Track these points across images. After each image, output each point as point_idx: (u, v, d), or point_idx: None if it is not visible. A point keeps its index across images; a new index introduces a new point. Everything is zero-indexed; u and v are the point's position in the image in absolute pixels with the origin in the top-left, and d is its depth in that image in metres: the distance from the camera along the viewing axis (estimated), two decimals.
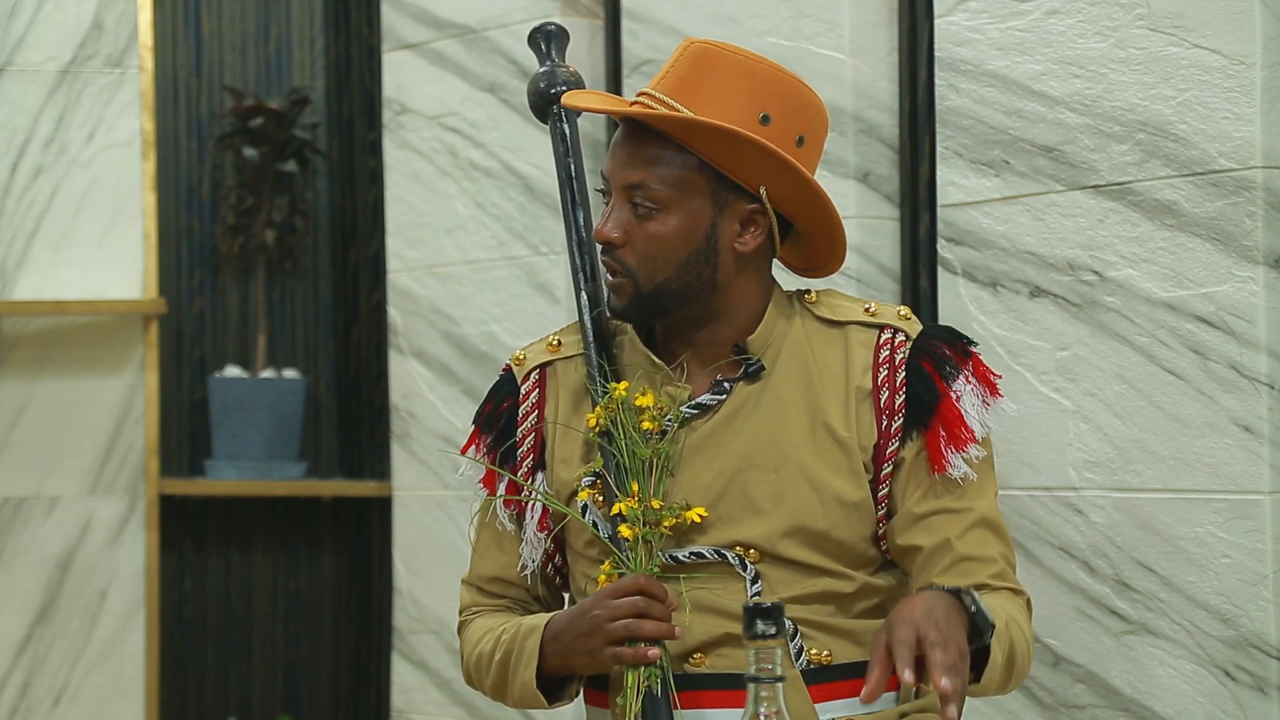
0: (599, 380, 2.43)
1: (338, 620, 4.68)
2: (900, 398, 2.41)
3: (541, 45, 2.68)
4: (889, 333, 2.44)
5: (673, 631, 2.32)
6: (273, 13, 4.72)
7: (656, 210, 2.38)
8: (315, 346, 4.72)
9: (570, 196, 2.58)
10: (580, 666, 2.37)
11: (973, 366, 2.43)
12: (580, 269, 2.54)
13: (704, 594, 2.36)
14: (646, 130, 2.39)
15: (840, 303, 2.48)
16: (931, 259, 3.26)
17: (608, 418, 2.39)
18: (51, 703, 4.39)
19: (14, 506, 4.40)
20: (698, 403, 2.41)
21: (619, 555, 2.37)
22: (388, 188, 4.27)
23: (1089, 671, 2.92)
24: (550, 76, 2.63)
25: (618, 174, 2.40)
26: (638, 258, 2.39)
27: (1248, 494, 2.74)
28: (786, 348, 2.44)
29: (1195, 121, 2.79)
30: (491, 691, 2.49)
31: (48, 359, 4.42)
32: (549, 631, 2.38)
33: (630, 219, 2.39)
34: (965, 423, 2.39)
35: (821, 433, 2.40)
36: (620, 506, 2.37)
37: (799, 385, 2.42)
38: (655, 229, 2.38)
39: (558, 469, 2.47)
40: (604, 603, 2.33)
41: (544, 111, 2.64)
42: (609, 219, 2.40)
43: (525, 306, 3.94)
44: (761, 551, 2.38)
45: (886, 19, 3.36)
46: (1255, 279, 2.73)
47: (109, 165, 4.41)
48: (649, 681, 2.32)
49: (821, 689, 2.37)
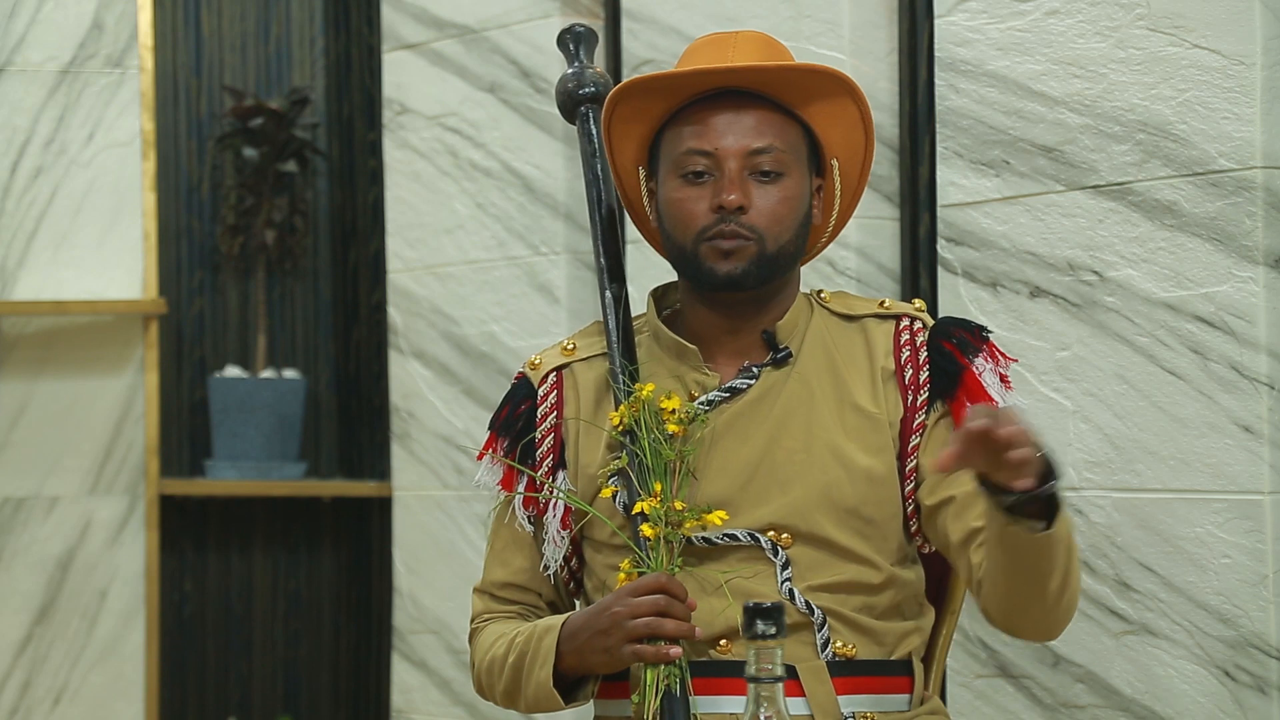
0: (623, 379, 2.44)
1: (338, 620, 4.68)
2: (924, 373, 2.46)
3: (571, 46, 2.70)
4: (906, 320, 2.50)
5: (693, 632, 2.33)
6: (273, 13, 4.72)
7: (781, 174, 2.42)
8: (315, 346, 4.72)
9: (596, 196, 2.60)
10: (597, 665, 2.37)
11: (988, 349, 2.48)
12: (605, 269, 2.55)
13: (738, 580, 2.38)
14: (748, 98, 2.43)
15: (854, 300, 2.54)
16: (931, 259, 3.26)
17: (632, 417, 2.40)
18: (51, 703, 4.39)
19: (14, 506, 4.40)
20: (729, 386, 2.44)
21: (640, 554, 2.37)
22: (388, 188, 4.27)
23: (1089, 671, 2.92)
24: (579, 77, 2.67)
25: (738, 141, 2.42)
26: (765, 220, 2.41)
27: (1248, 494, 2.74)
28: (810, 336, 2.48)
29: (1195, 121, 2.79)
30: (503, 698, 2.48)
31: (48, 359, 4.42)
32: (566, 630, 2.38)
33: (751, 185, 2.42)
34: (987, 394, 2.44)
35: (849, 411, 2.44)
36: (643, 506, 2.38)
37: (824, 370, 2.46)
38: (784, 192, 2.42)
39: (581, 467, 2.48)
40: (624, 600, 2.33)
41: (572, 112, 2.66)
42: (732, 186, 2.41)
43: (525, 306, 3.94)
44: (794, 533, 2.39)
45: (886, 19, 3.36)
46: (1255, 279, 2.73)
47: (109, 165, 4.41)
48: (668, 680, 2.32)
49: (844, 682, 2.38)
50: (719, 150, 2.42)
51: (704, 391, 2.45)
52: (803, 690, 2.36)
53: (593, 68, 2.68)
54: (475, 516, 4.03)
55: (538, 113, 3.92)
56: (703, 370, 2.46)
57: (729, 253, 2.41)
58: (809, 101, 2.44)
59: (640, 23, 3.65)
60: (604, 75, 2.68)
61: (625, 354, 2.48)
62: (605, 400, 2.49)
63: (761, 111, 2.43)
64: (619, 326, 2.50)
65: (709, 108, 2.44)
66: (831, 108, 2.45)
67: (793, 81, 2.43)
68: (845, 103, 2.45)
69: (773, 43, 2.50)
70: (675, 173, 2.45)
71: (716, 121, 2.43)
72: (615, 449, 2.45)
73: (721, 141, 2.42)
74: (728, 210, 2.40)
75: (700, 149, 2.43)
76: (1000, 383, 2.47)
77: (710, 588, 2.38)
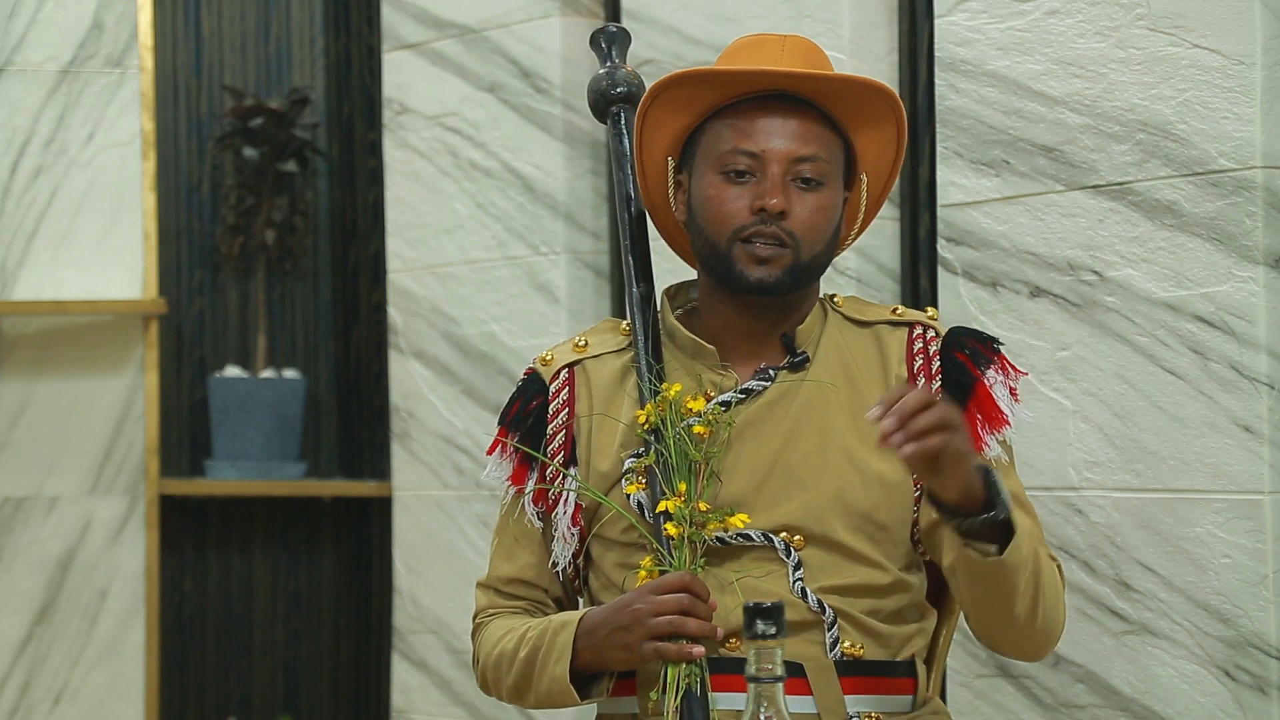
0: (649, 379, 2.44)
1: (338, 620, 4.68)
2: (937, 383, 2.46)
3: (603, 46, 2.70)
4: (919, 329, 2.50)
5: (715, 632, 2.33)
6: (273, 13, 4.72)
7: (822, 183, 2.43)
8: (315, 346, 4.72)
9: (625, 196, 2.60)
10: (615, 661, 2.37)
11: (999, 362, 2.48)
12: (632, 269, 2.55)
13: (750, 580, 2.38)
14: (795, 104, 2.43)
15: (866, 306, 2.55)
16: (931, 259, 3.26)
17: (658, 416, 2.41)
18: (51, 703, 4.39)
19: (14, 506, 4.40)
20: (745, 388, 2.44)
21: (662, 553, 2.37)
22: (388, 188, 4.27)
23: (1089, 671, 2.92)
24: (612, 77, 2.66)
25: (785, 145, 2.42)
26: (803, 228, 2.42)
27: (1248, 494, 2.74)
28: (824, 341, 2.49)
29: (1195, 121, 2.79)
30: (510, 692, 2.48)
31: (48, 359, 4.42)
32: (584, 626, 2.38)
33: (792, 191, 2.42)
34: (999, 407, 2.44)
35: (863, 416, 2.43)
36: (666, 505, 2.38)
37: (839, 375, 2.47)
38: (822, 201, 2.43)
39: (594, 463, 2.48)
40: (647, 598, 2.33)
41: (604, 111, 2.66)
42: (775, 189, 2.41)
43: (525, 306, 3.94)
44: (807, 535, 2.40)
45: (886, 19, 3.36)
46: (1255, 279, 2.73)
47: (109, 165, 4.41)
48: (689, 680, 2.32)
49: (851, 682, 2.39)
50: (765, 152, 2.42)
51: (720, 392, 2.45)
52: (810, 689, 2.36)
53: (625, 68, 2.68)
54: (475, 516, 4.03)
55: (538, 113, 3.92)
56: (719, 371, 2.46)
57: (765, 259, 2.41)
58: (855, 115, 2.45)
59: (640, 23, 3.65)
60: (636, 75, 2.67)
61: (652, 353, 2.48)
62: (617, 398, 2.49)
63: (808, 120, 2.43)
64: (646, 325, 2.50)
65: (757, 108, 2.44)
66: (874, 124, 2.46)
67: (844, 94, 2.43)
68: (888, 121, 2.46)
69: (818, 51, 2.50)
70: (715, 169, 2.44)
71: (764, 124, 2.43)
72: (630, 447, 2.45)
73: (769, 144, 2.42)
74: (769, 213, 2.40)
75: (746, 149, 2.43)
76: (1009, 396, 2.48)
77: (724, 586, 2.39)
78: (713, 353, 2.47)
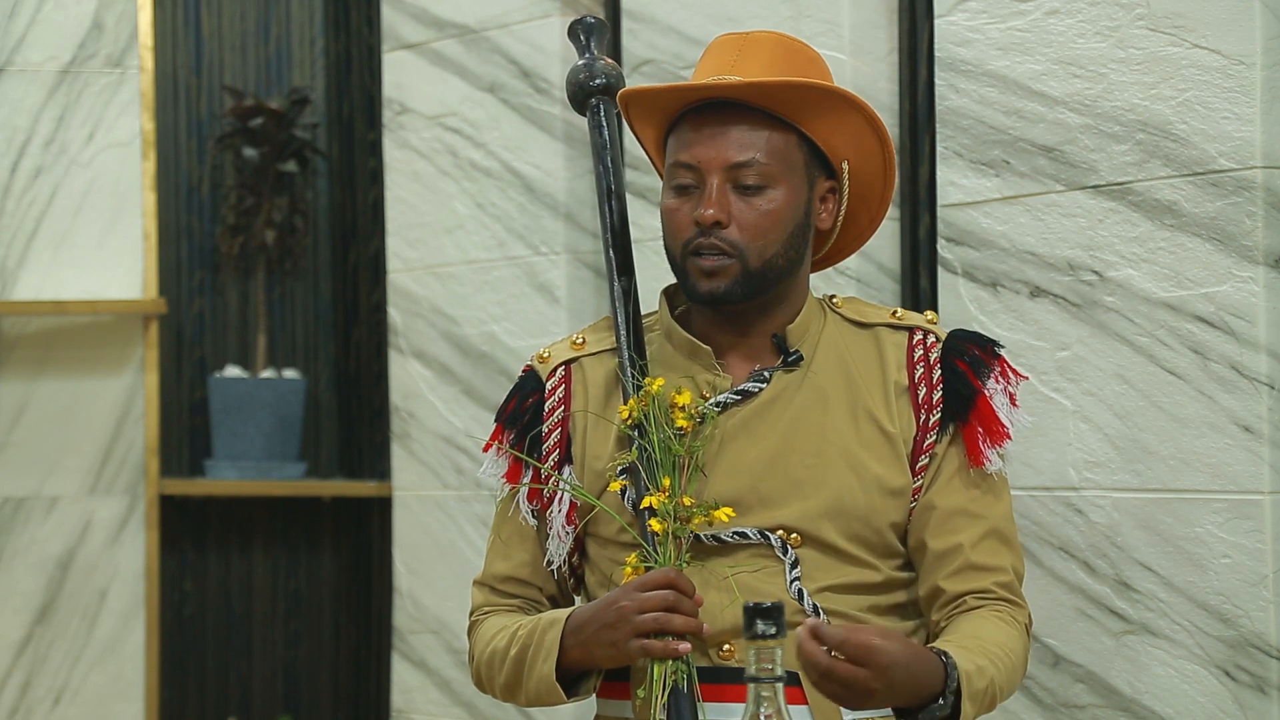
0: (632, 374, 2.44)
1: (338, 620, 4.68)
2: (938, 393, 2.45)
3: (581, 37, 2.69)
4: (920, 334, 2.50)
5: (701, 628, 2.32)
6: (273, 13, 4.72)
7: (765, 186, 2.41)
8: (315, 346, 4.72)
9: (606, 189, 2.59)
10: (602, 659, 2.37)
11: (1000, 368, 2.47)
12: (614, 263, 2.55)
13: (745, 576, 2.37)
14: (739, 109, 2.41)
15: (866, 307, 2.54)
16: (931, 259, 3.26)
17: (641, 411, 2.40)
18: (51, 703, 4.39)
19: (14, 506, 4.40)
20: (740, 389, 2.44)
21: (647, 548, 2.37)
22: (388, 188, 4.27)
23: (1089, 671, 2.92)
24: (590, 69, 2.66)
25: (719, 155, 2.41)
26: (747, 235, 2.40)
27: (1248, 494, 2.74)
28: (823, 342, 2.49)
29: (1195, 121, 2.79)
30: (502, 690, 2.48)
31: (48, 359, 4.42)
32: (571, 624, 2.38)
33: (733, 199, 2.40)
34: (1000, 419, 2.44)
35: (865, 420, 2.43)
36: (651, 500, 2.37)
37: (838, 376, 2.46)
38: (766, 204, 2.41)
39: (589, 461, 2.47)
40: (632, 594, 2.33)
41: (583, 103, 2.65)
42: (709, 201, 2.40)
43: (525, 306, 3.94)
44: (802, 535, 2.39)
45: (886, 19, 3.36)
46: (1255, 279, 2.73)
47: (109, 165, 4.41)
48: (675, 676, 2.31)
49: None
50: (702, 163, 2.42)
51: (715, 392, 2.44)
52: (805, 698, 2.35)
53: (603, 59, 2.67)
54: (475, 516, 4.03)
55: (538, 113, 3.92)
56: (715, 371, 2.46)
57: (711, 271, 2.41)
58: (800, 111, 2.43)
59: (640, 22, 3.65)
60: (615, 66, 2.66)
61: (634, 348, 2.48)
62: (614, 396, 2.49)
63: (749, 123, 2.42)
64: (628, 319, 2.50)
65: (700, 119, 2.44)
66: (827, 114, 2.43)
67: (779, 94, 2.41)
68: (844, 110, 2.43)
69: (788, 44, 2.48)
70: (667, 182, 2.47)
71: (702, 135, 2.43)
72: (623, 445, 2.45)
73: (705, 155, 2.41)
74: (704, 225, 2.40)
75: (685, 162, 2.43)
76: (1009, 403, 2.48)
77: (718, 582, 2.38)
78: (708, 353, 2.46)
